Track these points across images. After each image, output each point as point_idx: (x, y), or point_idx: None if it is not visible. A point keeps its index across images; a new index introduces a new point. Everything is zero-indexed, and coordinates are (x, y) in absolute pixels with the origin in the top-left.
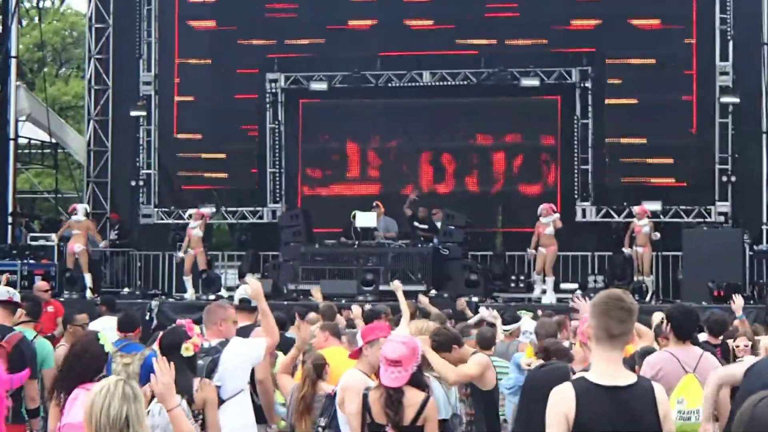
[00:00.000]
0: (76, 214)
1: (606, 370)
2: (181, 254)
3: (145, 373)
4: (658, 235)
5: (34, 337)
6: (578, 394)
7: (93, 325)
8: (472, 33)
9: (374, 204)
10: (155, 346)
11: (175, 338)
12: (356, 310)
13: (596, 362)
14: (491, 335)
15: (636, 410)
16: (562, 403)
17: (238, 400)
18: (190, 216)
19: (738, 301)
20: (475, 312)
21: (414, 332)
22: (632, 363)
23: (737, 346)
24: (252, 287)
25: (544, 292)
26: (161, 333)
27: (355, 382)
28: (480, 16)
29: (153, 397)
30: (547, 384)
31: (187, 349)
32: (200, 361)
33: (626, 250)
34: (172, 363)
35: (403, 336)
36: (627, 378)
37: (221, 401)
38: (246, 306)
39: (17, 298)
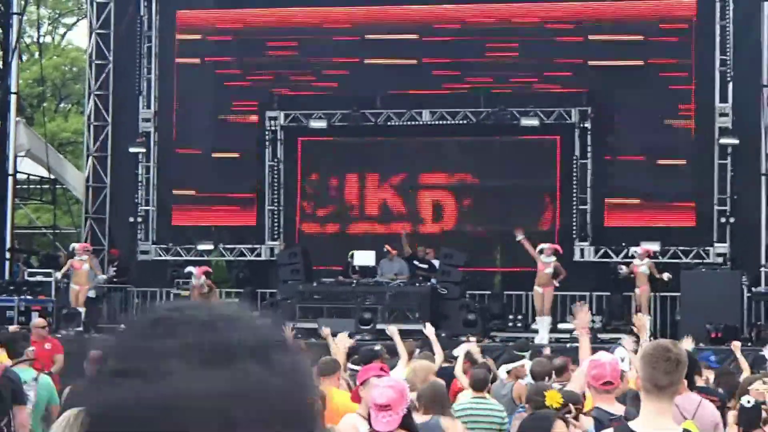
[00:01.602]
0: (78, 253)
1: (652, 421)
2: (184, 293)
3: None
4: (669, 276)
5: (37, 376)
6: None
7: None
8: (472, 72)
9: (385, 250)
10: None
11: None
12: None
13: (644, 413)
14: (484, 377)
15: None
16: None
17: None
18: (190, 274)
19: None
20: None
21: (410, 372)
22: (623, 400)
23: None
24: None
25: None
26: None
27: (347, 429)
28: (480, 56)
29: None
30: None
31: None
32: None
33: (622, 269)
34: None
35: (389, 380)
36: (672, 430)
37: None
38: None
39: None
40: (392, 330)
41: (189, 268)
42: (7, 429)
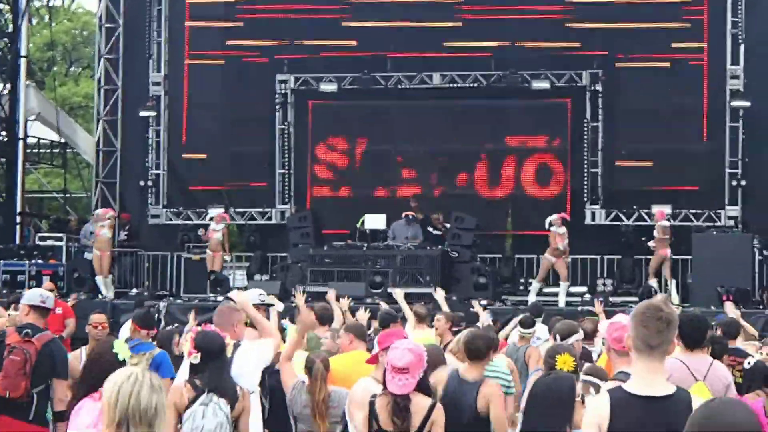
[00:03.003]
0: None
1: (644, 380)
2: (193, 256)
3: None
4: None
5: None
6: (613, 404)
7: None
8: (482, 35)
9: (407, 215)
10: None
11: (216, 342)
12: (361, 315)
13: (635, 373)
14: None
15: (671, 421)
16: (596, 412)
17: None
18: (210, 218)
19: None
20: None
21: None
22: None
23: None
24: (237, 299)
25: (548, 294)
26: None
27: (360, 393)
28: (490, 18)
29: (195, 399)
30: (553, 392)
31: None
32: None
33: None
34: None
35: (409, 343)
36: (665, 389)
37: None
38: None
39: (50, 303)
40: (397, 293)
41: (211, 212)
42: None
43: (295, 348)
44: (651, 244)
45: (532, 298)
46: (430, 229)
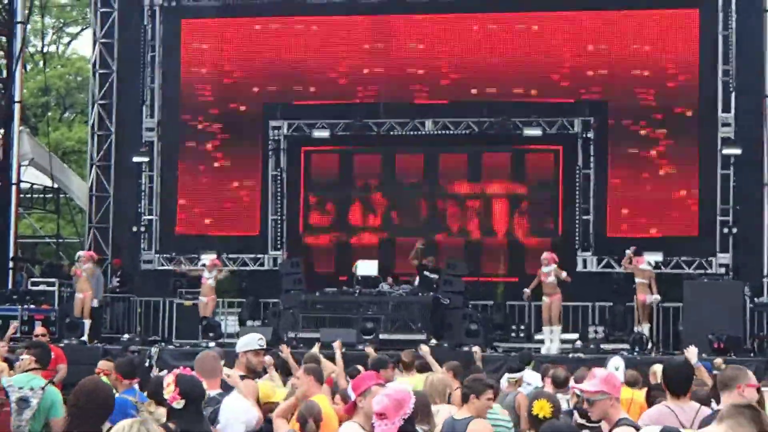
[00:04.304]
0: (82, 261)
1: None
2: (185, 302)
3: None
4: (657, 298)
5: (45, 385)
6: None
7: None
8: (474, 82)
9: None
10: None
11: (199, 387)
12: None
13: None
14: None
15: None
16: None
17: None
18: (203, 264)
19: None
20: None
21: (428, 386)
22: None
23: None
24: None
25: (551, 341)
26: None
27: None
28: (483, 66)
29: None
30: None
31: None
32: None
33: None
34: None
35: (390, 389)
36: None
37: None
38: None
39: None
40: (425, 350)
41: (202, 259)
42: None
43: (291, 409)
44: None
45: (546, 346)
46: (426, 273)
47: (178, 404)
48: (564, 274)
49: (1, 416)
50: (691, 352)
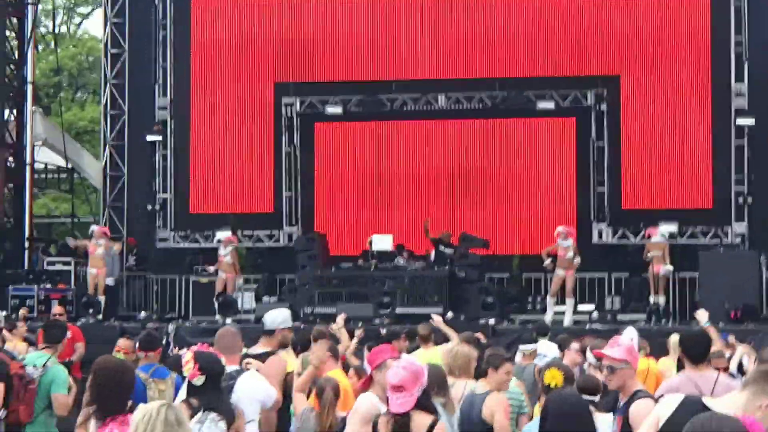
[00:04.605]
0: (96, 236)
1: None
2: (200, 278)
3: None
4: (670, 268)
5: (47, 361)
6: (682, 403)
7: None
8: (487, 57)
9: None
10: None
11: (219, 364)
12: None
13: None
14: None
15: None
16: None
17: (248, 429)
18: (219, 240)
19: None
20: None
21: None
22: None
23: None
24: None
25: (561, 313)
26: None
27: (363, 406)
28: (496, 40)
29: (191, 416)
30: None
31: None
32: None
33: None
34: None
35: (405, 360)
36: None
37: None
38: (265, 330)
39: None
40: (437, 320)
41: (219, 235)
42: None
43: (309, 380)
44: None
45: (548, 316)
46: (442, 248)
47: (198, 380)
48: (578, 259)
49: (28, 394)
50: (701, 314)
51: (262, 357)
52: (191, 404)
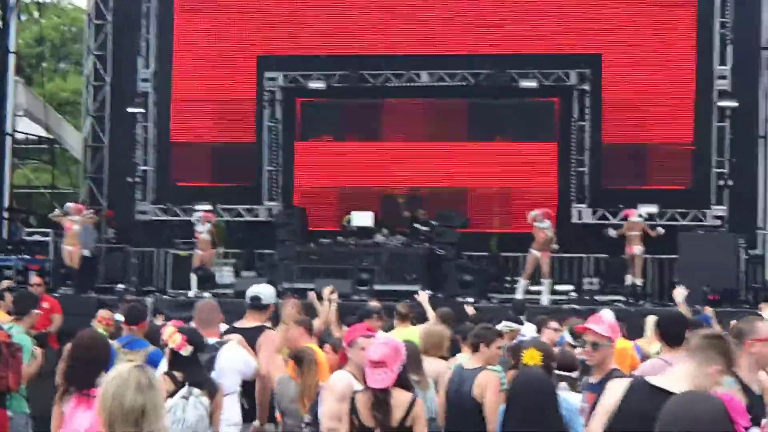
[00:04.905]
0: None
1: (672, 378)
2: (180, 252)
3: None
4: (641, 249)
5: (9, 329)
6: (631, 386)
7: None
8: (471, 34)
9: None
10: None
11: (202, 339)
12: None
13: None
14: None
15: None
16: (611, 393)
17: (229, 400)
18: (197, 219)
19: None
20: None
21: (424, 336)
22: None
23: None
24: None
25: (538, 293)
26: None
27: (338, 383)
28: (479, 18)
29: (174, 392)
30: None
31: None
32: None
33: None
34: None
35: (385, 337)
36: (682, 388)
37: None
38: (257, 305)
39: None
40: (422, 297)
41: (195, 214)
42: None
43: (283, 339)
44: (612, 232)
45: (519, 295)
46: (417, 225)
47: (186, 351)
48: (555, 246)
49: (15, 361)
50: (678, 293)
51: (253, 331)
52: (175, 378)
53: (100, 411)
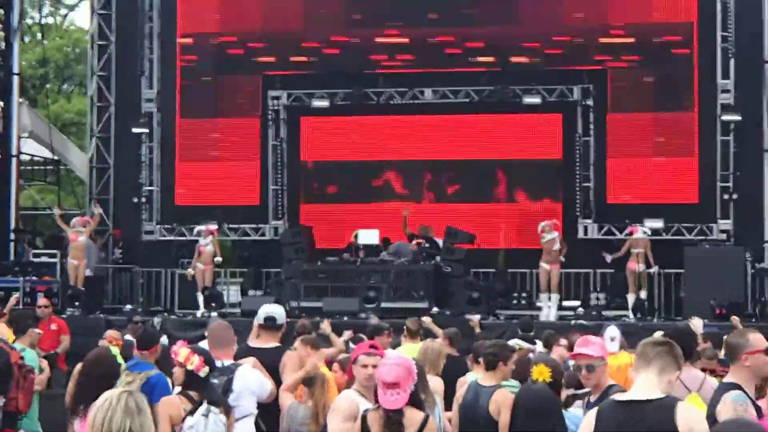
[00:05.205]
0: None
1: (635, 389)
2: (190, 271)
3: (147, 393)
4: (642, 267)
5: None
6: (599, 411)
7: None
8: (474, 51)
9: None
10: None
11: (212, 360)
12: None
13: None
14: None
15: (649, 422)
16: (585, 422)
17: (246, 422)
18: (199, 233)
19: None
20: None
21: (421, 353)
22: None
23: None
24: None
25: (549, 308)
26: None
27: (342, 404)
28: (482, 34)
29: (193, 410)
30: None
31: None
32: (215, 380)
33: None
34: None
35: (397, 357)
36: (651, 394)
37: None
38: (271, 324)
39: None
40: (427, 321)
41: (198, 227)
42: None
43: (298, 384)
44: (608, 258)
45: (545, 311)
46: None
47: (205, 372)
48: (563, 258)
49: (27, 383)
50: (696, 325)
51: (271, 351)
52: (191, 397)
53: None
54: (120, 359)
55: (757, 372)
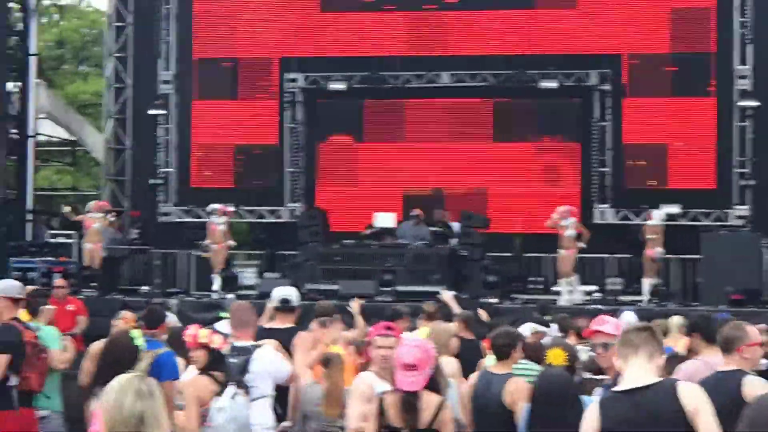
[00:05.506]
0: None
1: (630, 377)
2: (203, 253)
3: (155, 372)
4: (659, 251)
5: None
6: (601, 404)
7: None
8: (491, 35)
9: (415, 213)
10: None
11: None
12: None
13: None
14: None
15: (654, 407)
16: (588, 417)
17: (262, 403)
18: (212, 212)
19: None
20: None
21: (433, 335)
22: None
23: None
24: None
25: (570, 292)
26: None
27: (360, 385)
28: (501, 18)
29: (219, 392)
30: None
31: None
32: (233, 360)
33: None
34: None
35: (416, 340)
36: (648, 380)
37: None
38: (286, 307)
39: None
40: (446, 295)
41: (212, 206)
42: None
43: (319, 359)
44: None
45: (565, 296)
46: (433, 228)
47: (227, 348)
48: (582, 244)
49: (40, 362)
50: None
51: (286, 332)
52: (216, 378)
53: (102, 418)
54: (140, 342)
55: (753, 364)
